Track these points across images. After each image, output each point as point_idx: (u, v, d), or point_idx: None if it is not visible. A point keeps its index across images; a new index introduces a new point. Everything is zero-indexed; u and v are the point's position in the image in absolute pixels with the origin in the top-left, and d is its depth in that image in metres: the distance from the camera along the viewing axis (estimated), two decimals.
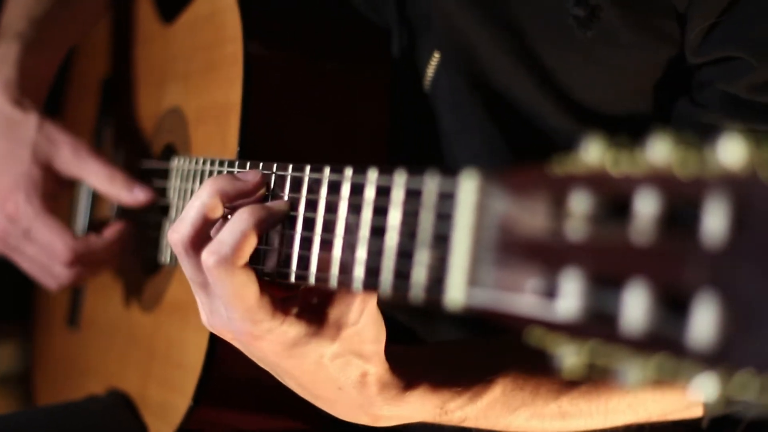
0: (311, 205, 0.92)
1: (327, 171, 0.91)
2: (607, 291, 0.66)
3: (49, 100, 1.43)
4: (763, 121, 1.02)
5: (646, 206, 0.64)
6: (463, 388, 1.01)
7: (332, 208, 0.89)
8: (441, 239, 0.76)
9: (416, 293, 0.77)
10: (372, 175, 0.85)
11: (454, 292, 0.73)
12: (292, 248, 0.93)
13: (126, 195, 1.31)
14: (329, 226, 0.89)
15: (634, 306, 0.64)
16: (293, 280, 0.93)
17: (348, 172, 0.88)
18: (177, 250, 0.94)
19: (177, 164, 1.23)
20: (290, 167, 0.95)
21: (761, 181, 0.58)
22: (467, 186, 0.74)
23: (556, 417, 1.05)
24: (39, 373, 1.74)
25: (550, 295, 0.68)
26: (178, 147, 1.31)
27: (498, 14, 1.12)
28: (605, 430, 1.06)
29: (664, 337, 0.63)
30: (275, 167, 0.97)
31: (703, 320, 0.60)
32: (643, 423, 1.07)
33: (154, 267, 1.33)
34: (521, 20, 1.11)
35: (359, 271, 0.84)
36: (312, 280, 0.91)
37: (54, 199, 1.34)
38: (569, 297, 0.67)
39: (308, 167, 0.93)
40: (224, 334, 0.97)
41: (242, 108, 1.12)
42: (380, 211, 0.83)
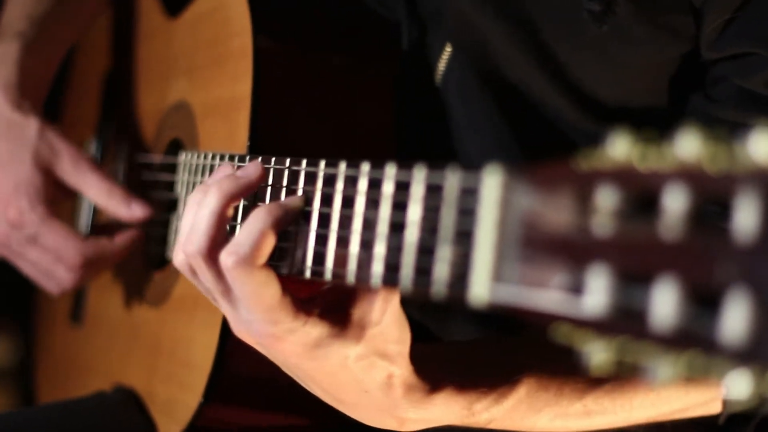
0: (326, 201, 0.91)
1: (343, 166, 0.90)
2: (636, 287, 0.65)
3: (49, 97, 1.41)
4: None
5: (675, 202, 0.64)
6: (488, 389, 0.99)
7: (348, 203, 0.88)
8: (464, 235, 0.75)
9: (438, 289, 0.77)
10: (390, 171, 0.84)
11: (478, 289, 0.73)
12: (307, 244, 0.92)
13: (124, 210, 1.30)
14: (345, 222, 0.88)
15: (664, 302, 0.64)
16: (309, 276, 0.92)
17: (365, 167, 0.87)
18: (196, 263, 0.92)
19: (185, 159, 1.22)
20: (304, 162, 0.94)
21: None
22: (491, 182, 0.73)
23: (581, 416, 1.04)
24: (41, 370, 1.73)
25: (577, 291, 0.68)
26: (185, 142, 1.30)
27: (511, 9, 1.11)
28: (628, 428, 1.06)
29: (695, 334, 0.62)
30: (288, 162, 0.96)
31: (735, 317, 0.60)
32: (665, 420, 1.07)
33: (161, 263, 1.32)
34: (534, 15, 1.10)
35: (378, 267, 0.84)
36: (329, 276, 0.90)
37: (55, 204, 1.33)
38: (596, 293, 0.67)
39: (323, 162, 0.92)
40: (248, 340, 0.95)
41: (252, 102, 1.11)
42: (399, 207, 0.82)
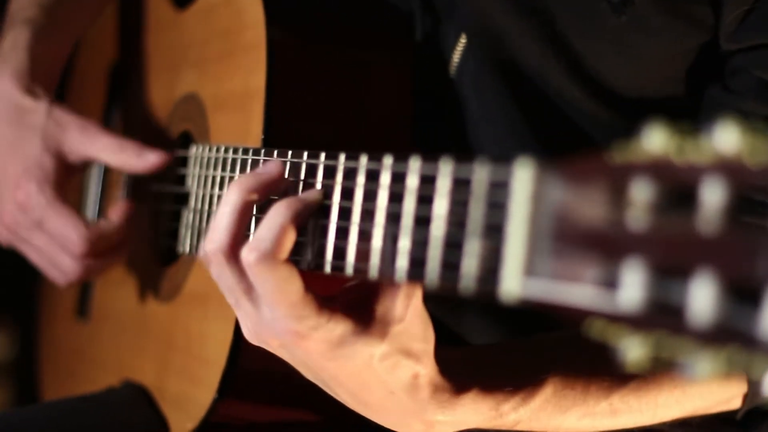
0: (347, 194, 0.90)
1: (364, 159, 0.89)
2: (672, 282, 0.64)
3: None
4: None
5: (713, 195, 0.63)
6: (515, 389, 0.98)
7: (370, 197, 0.87)
8: (493, 229, 0.74)
9: (467, 284, 0.76)
10: (415, 164, 0.83)
11: (510, 283, 0.72)
12: (327, 238, 0.91)
13: (137, 161, 1.28)
14: (367, 216, 0.87)
15: (702, 297, 0.63)
16: (329, 271, 0.91)
17: (388, 161, 0.86)
18: (217, 260, 0.91)
19: (196, 152, 1.21)
20: (323, 155, 0.93)
21: None
22: (522, 175, 0.72)
23: (607, 415, 1.02)
24: (44, 364, 1.71)
25: (611, 286, 0.67)
26: (196, 134, 1.28)
27: None
28: (653, 426, 1.05)
29: (734, 329, 0.62)
30: (306, 155, 0.95)
31: None
32: (689, 417, 1.06)
33: (171, 257, 1.30)
34: (551, 4, 1.09)
35: (402, 262, 0.82)
36: (350, 271, 0.88)
37: (67, 184, 1.31)
38: (631, 287, 0.66)
39: (343, 155, 0.91)
40: (270, 342, 0.93)
41: (266, 94, 1.10)
42: (424, 200, 0.81)
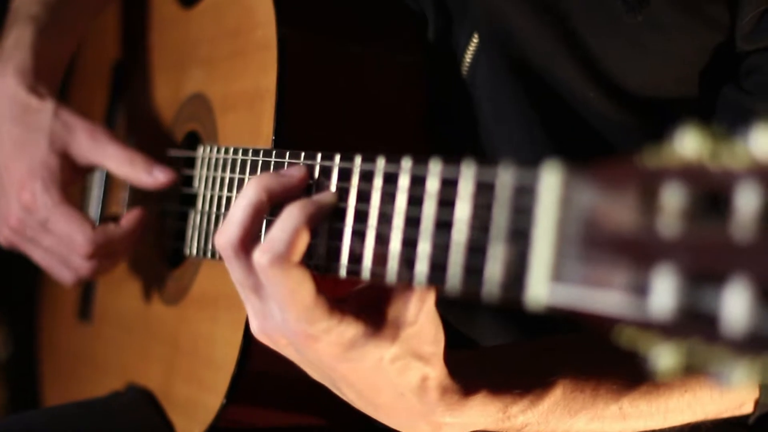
0: (363, 197, 0.88)
1: (382, 162, 0.87)
2: (705, 289, 0.63)
3: None
4: None
5: (748, 201, 0.62)
6: (523, 391, 0.97)
7: (388, 200, 0.85)
8: (519, 234, 0.72)
9: (491, 290, 0.74)
10: (435, 167, 0.82)
11: (537, 289, 0.70)
12: (342, 241, 0.89)
13: (146, 178, 1.26)
14: (384, 219, 0.86)
15: (736, 304, 0.61)
16: (344, 275, 0.89)
17: (406, 164, 0.85)
18: (226, 254, 0.90)
19: (204, 153, 1.19)
20: (338, 157, 0.92)
21: None
22: (550, 180, 0.71)
23: (617, 419, 1.01)
24: (45, 366, 1.69)
25: (642, 292, 0.65)
26: (203, 135, 1.26)
27: None
28: (663, 430, 1.04)
29: None
30: (320, 157, 0.94)
31: None
32: (699, 422, 1.05)
33: (177, 259, 1.28)
34: (565, 4, 1.08)
35: (422, 266, 0.81)
36: (366, 275, 0.87)
37: (72, 185, 1.30)
38: (662, 294, 0.64)
39: (359, 157, 0.89)
40: (278, 341, 0.92)
41: (277, 94, 1.08)
42: (445, 204, 0.80)
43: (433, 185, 0.81)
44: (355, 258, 0.88)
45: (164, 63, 1.41)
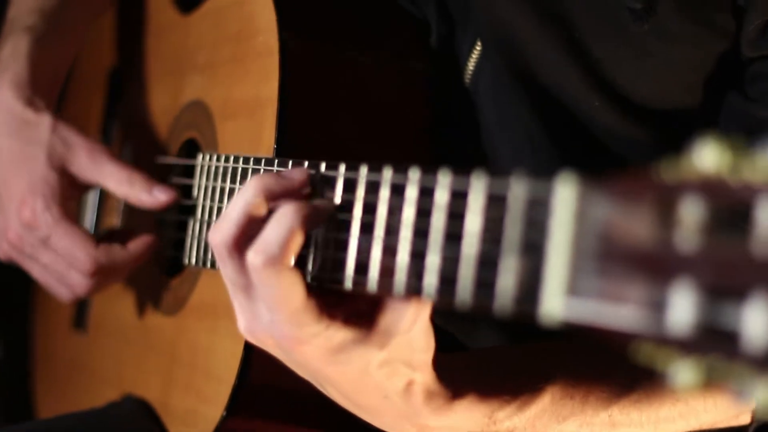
0: (369, 208, 0.87)
1: (389, 173, 0.86)
2: (725, 305, 0.62)
3: None
4: None
5: None
6: (511, 397, 0.97)
7: (395, 212, 0.84)
8: (532, 247, 0.71)
9: (503, 304, 0.73)
10: (444, 179, 0.80)
11: (551, 303, 0.69)
12: (347, 252, 0.88)
13: (146, 197, 1.24)
14: (391, 230, 0.84)
15: (757, 321, 0.60)
16: (350, 286, 0.88)
17: (414, 175, 0.83)
18: (219, 252, 0.89)
19: (203, 161, 1.17)
20: (342, 167, 0.90)
21: None
22: (565, 193, 0.69)
23: (606, 426, 1.01)
24: (40, 376, 1.67)
25: (660, 308, 0.64)
26: (202, 143, 1.25)
27: (545, 5, 1.08)
28: None
29: None
30: (323, 167, 0.92)
31: None
32: None
33: (175, 268, 1.27)
34: (570, 11, 1.07)
35: (431, 279, 0.80)
36: (373, 287, 0.86)
37: (72, 200, 1.28)
38: (681, 310, 0.63)
39: (365, 167, 0.88)
40: (265, 341, 0.92)
41: (279, 102, 1.07)
42: (455, 216, 0.78)
43: (443, 197, 0.80)
44: (362, 269, 0.87)
45: (162, 69, 1.40)
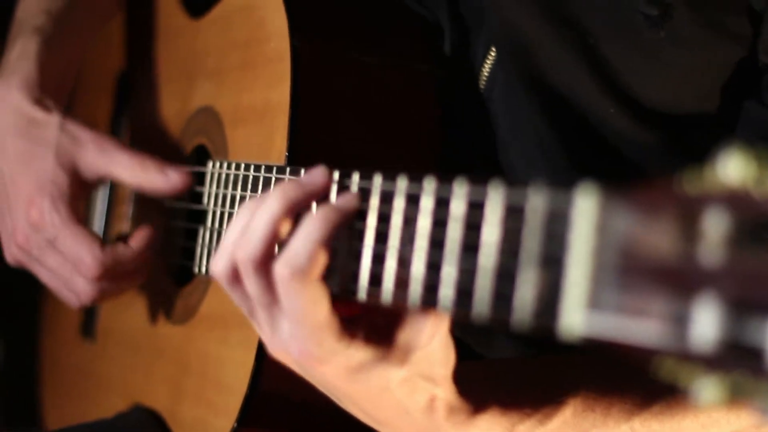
0: (384, 218, 0.85)
1: (404, 182, 0.84)
2: (750, 320, 0.60)
3: None
4: None
5: None
6: (532, 410, 0.96)
7: (410, 222, 0.83)
8: (551, 260, 0.70)
9: (521, 317, 0.72)
10: (460, 189, 0.79)
11: (571, 317, 0.68)
12: (361, 263, 0.87)
13: (161, 180, 1.21)
14: (406, 241, 0.83)
15: None
16: (364, 297, 0.87)
17: (429, 185, 0.82)
18: (245, 271, 0.87)
19: (214, 168, 1.16)
20: (356, 175, 0.89)
21: None
22: (585, 204, 0.68)
23: None
24: (46, 383, 1.65)
25: (683, 323, 0.63)
26: (212, 150, 1.23)
27: (559, 11, 1.07)
28: None
29: None
30: (337, 175, 0.91)
31: None
32: None
33: (185, 277, 1.25)
34: (585, 18, 1.06)
35: (447, 291, 0.78)
36: (387, 299, 0.84)
37: (81, 201, 1.26)
38: (704, 324, 0.62)
39: (380, 176, 0.87)
40: (284, 358, 0.90)
41: (291, 108, 1.06)
42: (472, 227, 0.77)
43: (459, 208, 0.78)
44: (376, 280, 0.85)
45: (171, 74, 1.38)
